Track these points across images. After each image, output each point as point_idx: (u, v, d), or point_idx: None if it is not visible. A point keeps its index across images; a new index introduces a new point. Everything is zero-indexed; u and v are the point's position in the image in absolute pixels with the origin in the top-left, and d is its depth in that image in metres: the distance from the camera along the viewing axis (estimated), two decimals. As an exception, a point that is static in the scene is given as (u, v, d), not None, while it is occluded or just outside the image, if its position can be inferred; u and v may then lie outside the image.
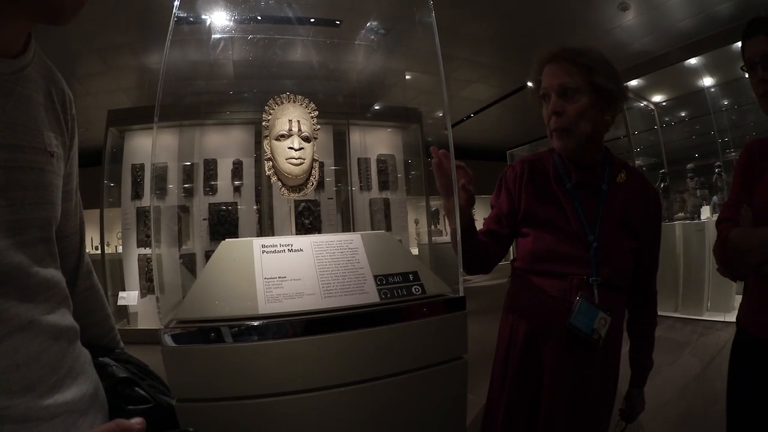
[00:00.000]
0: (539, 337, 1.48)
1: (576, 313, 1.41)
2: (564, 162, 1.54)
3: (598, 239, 1.46)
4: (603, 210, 1.49)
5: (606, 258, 1.46)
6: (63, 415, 0.74)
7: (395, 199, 5.85)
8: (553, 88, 1.46)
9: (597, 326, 1.41)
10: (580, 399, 1.44)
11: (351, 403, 1.31)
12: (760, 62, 1.44)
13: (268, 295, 1.31)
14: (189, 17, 3.22)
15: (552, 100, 1.47)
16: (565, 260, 1.46)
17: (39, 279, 0.76)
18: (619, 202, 1.51)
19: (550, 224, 1.50)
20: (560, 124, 1.46)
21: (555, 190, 1.52)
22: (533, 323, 1.50)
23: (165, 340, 1.21)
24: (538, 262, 1.51)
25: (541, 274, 1.50)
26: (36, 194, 0.77)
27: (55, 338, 0.77)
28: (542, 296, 1.49)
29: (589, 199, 1.50)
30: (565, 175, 1.53)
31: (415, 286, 1.45)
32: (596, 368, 1.47)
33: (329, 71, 4.45)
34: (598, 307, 1.42)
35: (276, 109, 1.91)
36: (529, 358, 1.49)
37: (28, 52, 0.79)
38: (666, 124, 8.53)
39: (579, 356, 1.44)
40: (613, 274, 1.47)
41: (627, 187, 1.54)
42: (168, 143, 5.26)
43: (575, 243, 1.47)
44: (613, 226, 1.49)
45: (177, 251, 5.19)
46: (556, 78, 1.46)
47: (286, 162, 1.83)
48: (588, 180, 1.52)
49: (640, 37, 7.15)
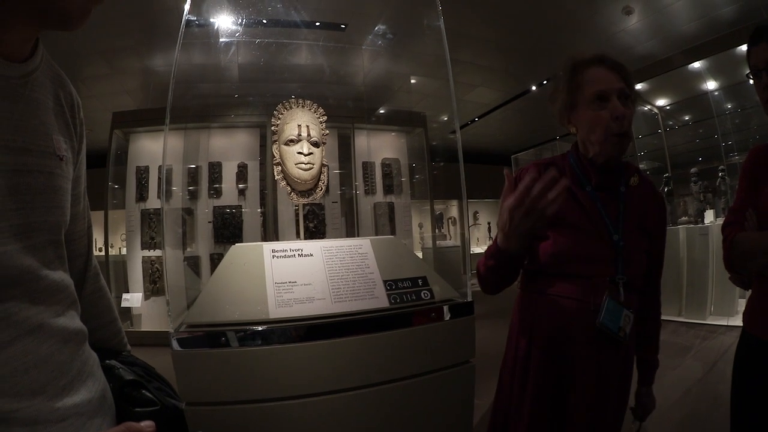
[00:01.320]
0: (563, 340, 1.46)
1: (604, 312, 1.40)
2: (582, 165, 1.54)
3: (623, 238, 1.46)
4: (623, 210, 1.50)
5: (629, 257, 1.46)
6: (72, 418, 0.74)
7: (400, 203, 5.85)
8: (615, 92, 1.44)
9: (623, 324, 1.42)
10: (604, 396, 1.44)
11: (360, 407, 1.32)
12: (765, 69, 1.45)
13: (278, 300, 1.32)
14: (197, 21, 3.23)
15: (614, 104, 1.43)
16: (588, 261, 1.46)
17: (48, 282, 0.77)
18: (635, 204, 1.53)
19: (571, 226, 1.48)
20: (624, 129, 1.43)
21: (575, 192, 1.51)
22: (553, 327, 1.47)
23: (174, 343, 1.22)
24: (560, 265, 1.48)
25: (561, 276, 1.48)
26: (45, 198, 0.77)
27: (64, 341, 0.78)
28: (562, 300, 1.46)
29: (610, 201, 1.51)
30: (584, 178, 1.53)
31: (424, 291, 1.46)
32: (618, 365, 1.48)
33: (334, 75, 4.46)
34: (623, 305, 1.43)
35: (285, 113, 1.91)
36: (551, 364, 1.47)
37: (36, 56, 0.80)
38: (670, 128, 8.52)
39: (604, 354, 1.44)
40: (636, 272, 1.48)
41: (639, 190, 1.56)
42: (173, 146, 5.27)
43: (599, 243, 1.46)
44: (633, 226, 1.50)
45: (182, 254, 5.20)
46: (617, 83, 1.45)
47: (295, 167, 1.84)
48: (607, 182, 1.52)
49: (644, 40, 7.16)
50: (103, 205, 6.59)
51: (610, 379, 1.45)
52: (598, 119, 1.45)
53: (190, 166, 5.48)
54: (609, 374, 1.45)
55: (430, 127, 6.16)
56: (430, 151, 6.08)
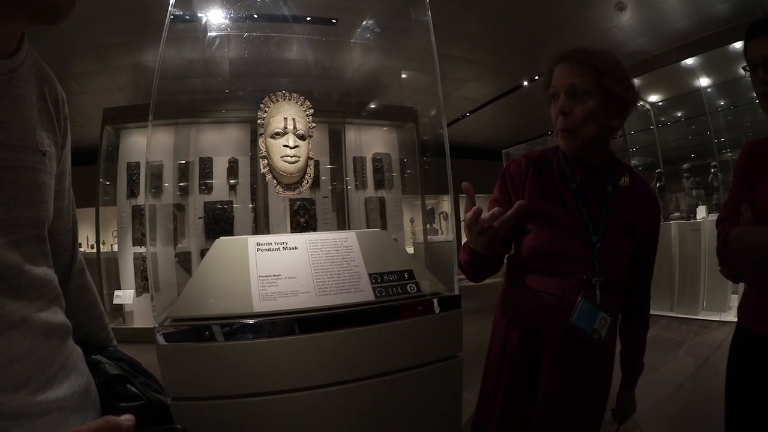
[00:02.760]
0: (536, 336, 1.46)
1: (578, 312, 1.40)
2: (569, 161, 1.52)
3: (601, 240, 1.45)
4: (606, 211, 1.48)
5: (608, 259, 1.45)
6: (55, 412, 0.74)
7: (391, 198, 5.83)
8: (563, 88, 1.44)
9: (598, 326, 1.41)
10: (575, 397, 1.43)
11: (346, 402, 1.31)
12: (761, 65, 1.45)
13: (262, 293, 1.31)
14: (185, 15, 3.21)
15: (560, 100, 1.45)
16: (566, 259, 1.45)
17: (31, 277, 0.76)
18: (622, 205, 1.50)
19: (552, 222, 1.48)
20: (566, 125, 1.44)
21: (559, 188, 1.51)
22: (530, 321, 1.47)
23: (159, 338, 1.21)
24: (538, 260, 1.48)
25: (540, 272, 1.48)
26: (28, 193, 0.77)
27: (46, 335, 0.77)
28: (540, 294, 1.47)
29: (593, 200, 1.49)
30: (570, 175, 1.51)
31: (410, 285, 1.45)
32: (592, 367, 1.47)
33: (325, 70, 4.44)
34: (599, 308, 1.41)
35: (271, 107, 1.90)
36: (525, 356, 1.47)
37: (21, 52, 0.79)
38: (662, 124, 8.55)
39: (577, 355, 1.43)
40: (614, 276, 1.46)
41: (630, 191, 1.54)
42: (164, 141, 5.25)
43: (578, 242, 1.45)
44: (615, 228, 1.48)
45: (173, 249, 5.18)
46: (566, 78, 1.45)
47: (281, 160, 1.82)
48: (592, 181, 1.50)
49: (637, 37, 7.16)
50: (94, 201, 6.56)
51: (580, 378, 1.44)
52: (553, 116, 1.48)
53: (180, 161, 5.46)
54: (579, 373, 1.44)
55: (421, 121, 6.13)
56: (421, 146, 6.07)
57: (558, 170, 1.53)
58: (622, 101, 1.45)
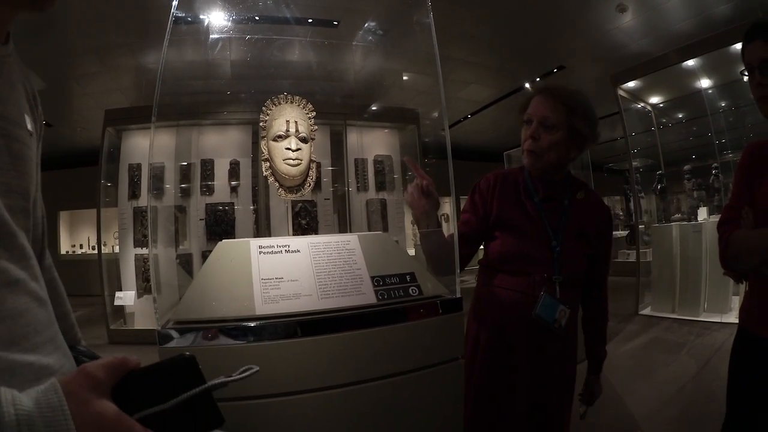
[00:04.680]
0: (507, 326, 1.67)
1: (540, 305, 1.63)
2: (533, 179, 1.79)
3: (560, 244, 1.70)
4: (565, 221, 1.74)
5: (566, 260, 1.69)
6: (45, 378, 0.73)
7: (392, 200, 5.81)
8: (537, 117, 1.69)
9: (558, 317, 1.65)
10: (541, 380, 1.66)
11: (348, 405, 1.31)
12: (758, 67, 1.47)
13: (265, 296, 1.31)
14: (187, 17, 3.21)
15: (533, 126, 1.69)
16: (530, 260, 1.68)
17: (22, 245, 0.76)
18: (578, 215, 1.76)
19: (518, 230, 1.73)
20: (533, 147, 1.70)
21: (524, 201, 1.77)
22: (501, 314, 1.69)
23: (162, 340, 1.21)
24: (506, 262, 1.72)
25: (507, 272, 1.71)
26: (20, 164, 0.80)
27: (38, 303, 0.77)
28: (508, 291, 1.69)
29: (553, 212, 1.75)
30: (534, 190, 1.77)
31: (412, 287, 1.45)
32: (557, 352, 1.70)
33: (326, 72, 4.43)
34: (559, 301, 1.65)
35: (273, 109, 1.91)
36: (498, 344, 1.68)
37: (9, 44, 0.82)
38: (663, 126, 8.54)
39: (540, 342, 1.66)
40: (571, 274, 1.70)
41: (585, 203, 1.81)
42: (165, 143, 5.23)
43: (540, 247, 1.70)
44: (572, 235, 1.73)
45: (174, 251, 5.17)
46: (542, 110, 1.69)
47: (283, 163, 1.83)
48: (552, 195, 1.77)
49: (638, 38, 7.15)
50: (95, 203, 6.56)
51: (547, 365, 1.68)
52: (523, 137, 1.74)
53: (182, 163, 5.44)
54: (546, 360, 1.67)
55: (422, 123, 6.10)
56: (422, 148, 6.05)
57: (523, 186, 1.80)
58: (584, 138, 1.72)
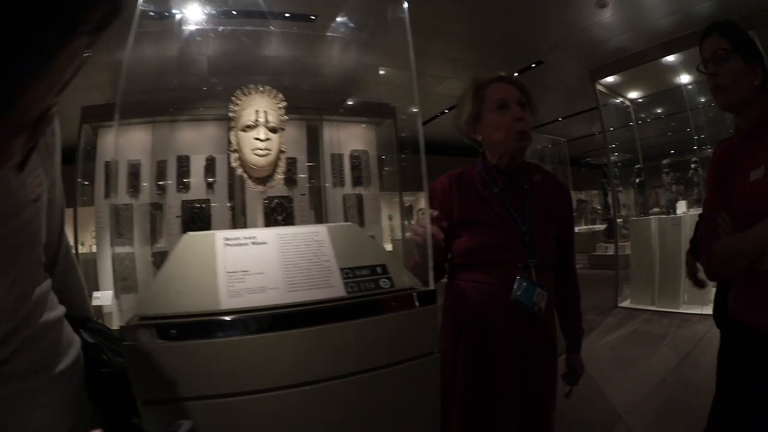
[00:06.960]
0: (486, 318, 1.69)
1: (517, 289, 1.66)
2: (489, 171, 1.84)
3: (530, 229, 1.73)
4: (528, 205, 1.78)
5: (538, 243, 1.73)
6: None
7: (369, 195, 5.76)
8: (514, 100, 1.76)
9: (536, 299, 1.67)
10: (526, 366, 1.68)
11: (318, 402, 1.27)
12: (711, 58, 1.57)
13: (230, 290, 1.27)
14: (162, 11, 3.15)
15: (514, 109, 1.75)
16: (502, 250, 1.72)
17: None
18: (540, 198, 1.81)
19: (483, 223, 1.76)
20: (525, 128, 1.75)
21: (483, 194, 1.80)
22: (479, 307, 1.71)
23: (125, 337, 1.17)
24: (476, 256, 1.74)
25: (480, 266, 1.73)
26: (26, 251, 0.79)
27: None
28: (483, 284, 1.72)
29: (516, 199, 1.79)
30: (491, 182, 1.81)
31: (383, 279, 1.41)
32: (537, 337, 1.72)
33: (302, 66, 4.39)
34: (536, 284, 1.68)
35: (243, 99, 1.87)
36: (479, 339, 1.70)
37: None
38: (642, 121, 8.61)
39: (522, 328, 1.69)
40: (545, 256, 1.75)
41: (543, 185, 1.85)
42: (141, 140, 5.15)
43: (509, 235, 1.73)
44: (539, 217, 1.77)
45: (150, 249, 5.10)
46: (515, 93, 1.78)
47: (251, 153, 1.79)
48: (511, 183, 1.81)
49: (618, 34, 7.20)
50: (73, 202, 6.44)
51: (530, 351, 1.70)
52: (501, 121, 1.76)
53: (158, 159, 5.36)
54: (528, 346, 1.70)
55: (399, 118, 6.07)
56: (399, 143, 6.02)
57: (480, 180, 1.83)
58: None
